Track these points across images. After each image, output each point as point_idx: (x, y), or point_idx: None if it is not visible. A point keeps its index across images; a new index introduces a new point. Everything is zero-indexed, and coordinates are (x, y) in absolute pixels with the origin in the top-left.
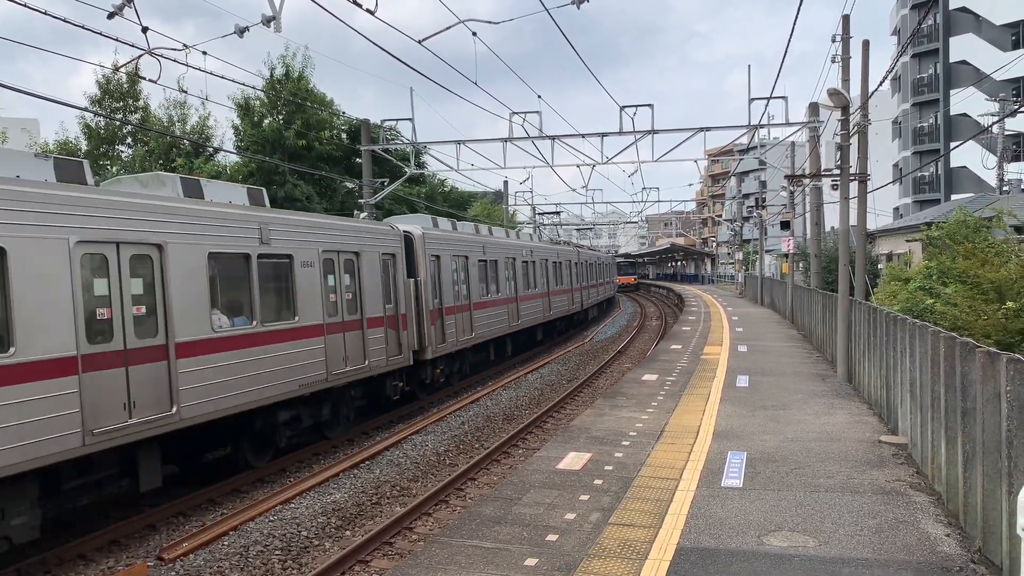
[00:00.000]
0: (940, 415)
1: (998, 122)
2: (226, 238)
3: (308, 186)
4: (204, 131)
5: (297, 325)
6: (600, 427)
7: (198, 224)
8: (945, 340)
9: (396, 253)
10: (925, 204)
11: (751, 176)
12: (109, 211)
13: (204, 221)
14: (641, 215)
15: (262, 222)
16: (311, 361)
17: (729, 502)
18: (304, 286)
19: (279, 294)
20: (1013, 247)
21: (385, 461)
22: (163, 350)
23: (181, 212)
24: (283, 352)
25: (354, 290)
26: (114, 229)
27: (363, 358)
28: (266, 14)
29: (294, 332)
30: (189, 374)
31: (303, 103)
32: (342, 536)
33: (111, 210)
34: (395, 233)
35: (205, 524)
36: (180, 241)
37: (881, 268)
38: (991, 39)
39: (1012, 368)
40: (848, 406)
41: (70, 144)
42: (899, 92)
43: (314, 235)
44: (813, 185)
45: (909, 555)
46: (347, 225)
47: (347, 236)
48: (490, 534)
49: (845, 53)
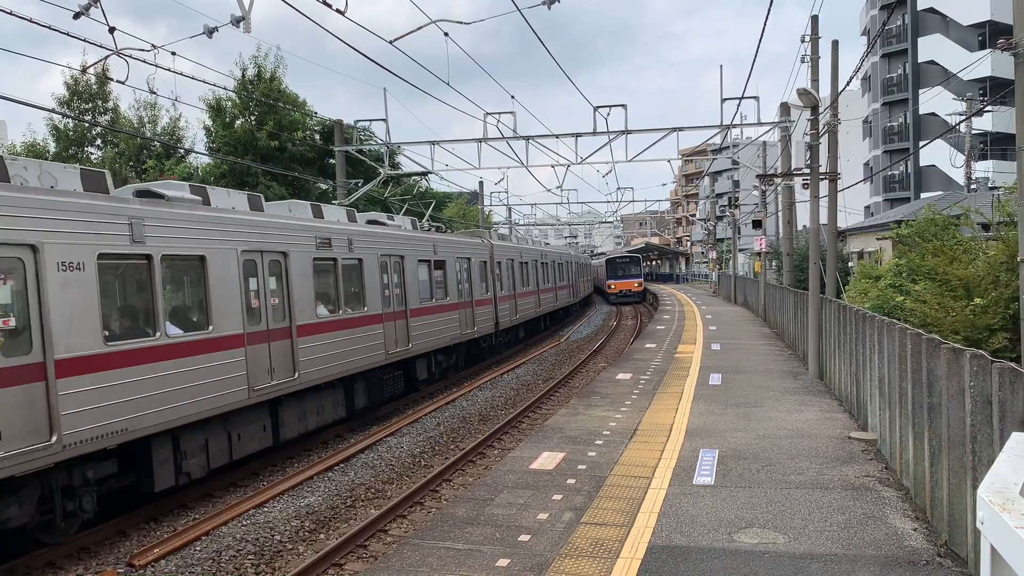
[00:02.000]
0: (908, 411)
1: (964, 120)
2: (326, 249)
3: (281, 187)
4: (175, 132)
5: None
6: (574, 426)
7: (312, 237)
8: (912, 337)
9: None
10: (896, 202)
11: (724, 175)
12: (257, 229)
13: (317, 235)
14: (616, 215)
15: (369, 237)
16: (453, 326)
17: (701, 500)
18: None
19: (387, 289)
20: (980, 244)
21: (360, 464)
22: (288, 331)
23: (299, 228)
24: (362, 334)
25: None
26: (261, 242)
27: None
28: (235, 14)
29: (390, 316)
30: (304, 349)
31: (275, 104)
32: (316, 540)
33: (258, 228)
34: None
35: (177, 529)
36: (296, 250)
37: (852, 266)
38: (958, 39)
39: (975, 364)
40: (819, 403)
41: (38, 146)
42: (869, 92)
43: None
44: (785, 184)
45: (877, 550)
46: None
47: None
48: (462, 535)
49: (814, 53)
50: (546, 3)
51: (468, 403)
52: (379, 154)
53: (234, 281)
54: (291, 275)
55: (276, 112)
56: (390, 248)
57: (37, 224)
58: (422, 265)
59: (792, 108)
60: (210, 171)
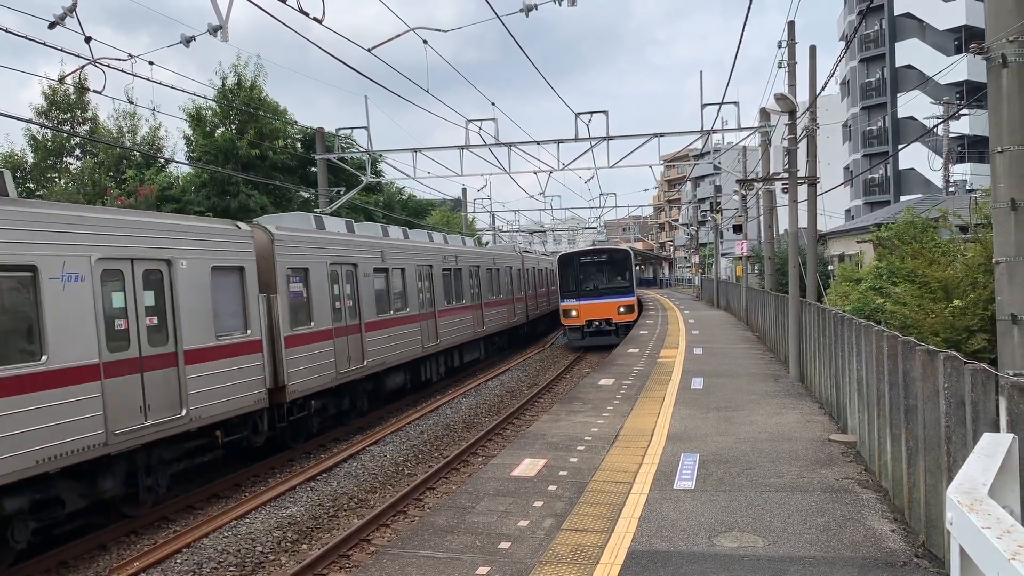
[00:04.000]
0: (885, 413)
1: (941, 123)
2: (398, 260)
3: (263, 196)
4: (155, 142)
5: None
6: (556, 432)
7: (377, 252)
8: (888, 339)
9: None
10: (876, 205)
11: (706, 180)
12: (337, 245)
13: (381, 250)
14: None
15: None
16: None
17: (681, 504)
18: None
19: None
20: (959, 247)
21: (343, 473)
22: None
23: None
24: (406, 331)
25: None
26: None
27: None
28: (212, 23)
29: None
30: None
31: (256, 112)
32: (298, 550)
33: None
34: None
35: (157, 542)
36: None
37: (833, 269)
38: (935, 44)
39: (949, 366)
40: (800, 406)
41: (15, 156)
42: (848, 96)
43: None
44: (765, 188)
45: (855, 552)
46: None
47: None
48: (443, 544)
49: (791, 59)
50: (524, 11)
51: (452, 410)
52: (361, 162)
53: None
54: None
55: (257, 120)
56: (424, 259)
57: (173, 243)
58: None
59: (771, 113)
60: (191, 180)
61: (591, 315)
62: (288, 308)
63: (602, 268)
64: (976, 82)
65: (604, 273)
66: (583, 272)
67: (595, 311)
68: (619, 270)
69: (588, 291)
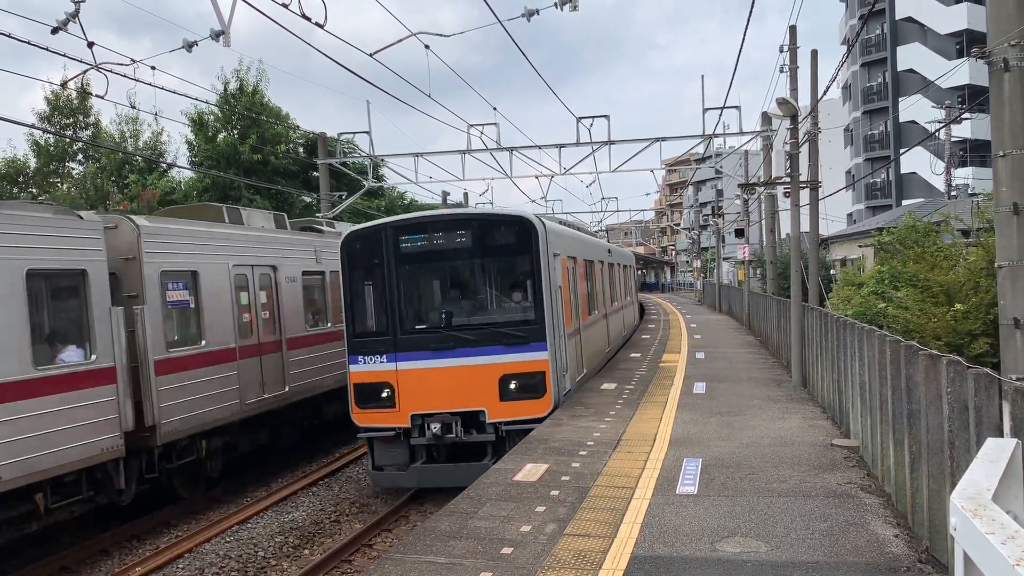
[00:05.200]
0: (888, 417)
1: (943, 128)
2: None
3: (265, 200)
4: (157, 147)
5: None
6: (558, 437)
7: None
8: (891, 344)
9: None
10: (878, 209)
11: (708, 185)
12: (245, 242)
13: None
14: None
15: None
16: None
17: (684, 509)
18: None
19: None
20: (961, 251)
21: (344, 478)
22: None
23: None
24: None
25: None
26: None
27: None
28: (215, 28)
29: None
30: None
31: (258, 117)
32: (300, 555)
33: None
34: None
35: (159, 547)
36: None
37: (835, 273)
38: (936, 48)
39: (952, 370)
40: (802, 410)
41: (18, 162)
42: (850, 100)
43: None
44: (767, 193)
45: (858, 556)
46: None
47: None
48: (444, 549)
49: (792, 63)
50: (526, 15)
51: None
52: (363, 167)
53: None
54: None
55: (259, 125)
56: None
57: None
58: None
59: (773, 117)
60: (193, 185)
61: (425, 401)
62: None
63: (461, 269)
64: (978, 86)
65: (467, 283)
66: (410, 279)
67: (436, 389)
68: (510, 272)
69: (417, 335)
